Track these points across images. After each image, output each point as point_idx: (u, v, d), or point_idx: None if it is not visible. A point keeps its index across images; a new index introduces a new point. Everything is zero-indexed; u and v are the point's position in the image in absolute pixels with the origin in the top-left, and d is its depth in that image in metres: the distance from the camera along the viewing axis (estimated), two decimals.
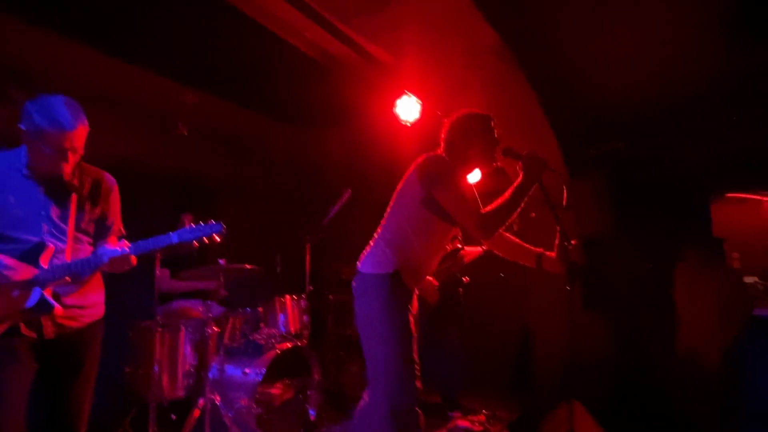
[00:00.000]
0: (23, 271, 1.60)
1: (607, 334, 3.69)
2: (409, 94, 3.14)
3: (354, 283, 2.05)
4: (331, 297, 4.65)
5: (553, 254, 2.07)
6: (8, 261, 1.58)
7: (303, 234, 4.00)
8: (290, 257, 4.26)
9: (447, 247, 2.22)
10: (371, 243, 2.08)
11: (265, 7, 2.29)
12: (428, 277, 2.03)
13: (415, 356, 1.91)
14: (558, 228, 2.00)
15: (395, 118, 3.20)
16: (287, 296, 3.56)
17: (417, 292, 2.12)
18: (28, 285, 1.61)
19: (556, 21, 2.54)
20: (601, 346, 3.64)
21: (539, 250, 2.15)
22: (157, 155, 3.77)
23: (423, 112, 3.23)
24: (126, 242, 1.77)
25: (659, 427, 3.21)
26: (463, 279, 3.57)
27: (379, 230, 2.09)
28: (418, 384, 1.89)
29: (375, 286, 1.95)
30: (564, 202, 1.97)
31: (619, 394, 3.46)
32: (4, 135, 2.95)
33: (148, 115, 3.73)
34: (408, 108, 3.18)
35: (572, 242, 1.98)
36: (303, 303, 3.61)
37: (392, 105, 3.16)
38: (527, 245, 2.18)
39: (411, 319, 1.96)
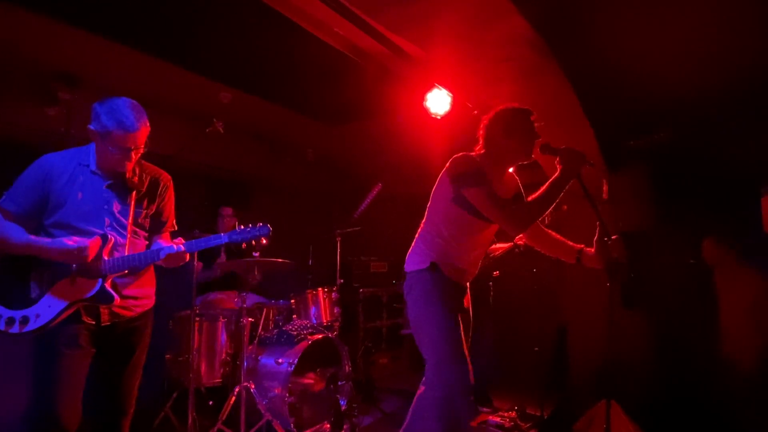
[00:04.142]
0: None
1: (646, 333, 3.56)
2: (440, 87, 3.11)
3: (404, 284, 2.14)
4: (361, 290, 4.71)
5: (592, 250, 2.02)
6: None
7: (334, 227, 4.05)
8: (321, 250, 4.33)
9: (490, 241, 2.21)
10: (412, 245, 2.15)
11: (297, 4, 2.32)
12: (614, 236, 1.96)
13: (465, 351, 1.94)
14: (598, 223, 1.95)
15: (426, 111, 3.18)
16: (319, 289, 3.63)
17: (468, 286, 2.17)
18: (91, 275, 1.72)
19: (592, 7, 2.44)
20: (639, 345, 3.53)
21: (579, 246, 2.11)
22: (194, 152, 3.89)
23: (454, 105, 3.19)
24: (181, 240, 1.87)
25: (699, 429, 3.08)
26: (493, 274, 3.53)
27: (418, 232, 2.15)
28: (471, 377, 1.92)
29: (418, 281, 2.03)
30: (604, 196, 1.92)
31: (658, 395, 3.35)
32: (55, 133, 3.15)
33: (185, 113, 3.86)
34: (438, 101, 3.15)
35: (612, 237, 1.94)
36: (334, 295, 3.68)
37: (422, 98, 3.14)
38: (567, 241, 2.15)
39: (460, 308, 2.02)
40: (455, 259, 2.05)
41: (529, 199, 1.90)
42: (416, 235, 2.15)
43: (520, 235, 2.31)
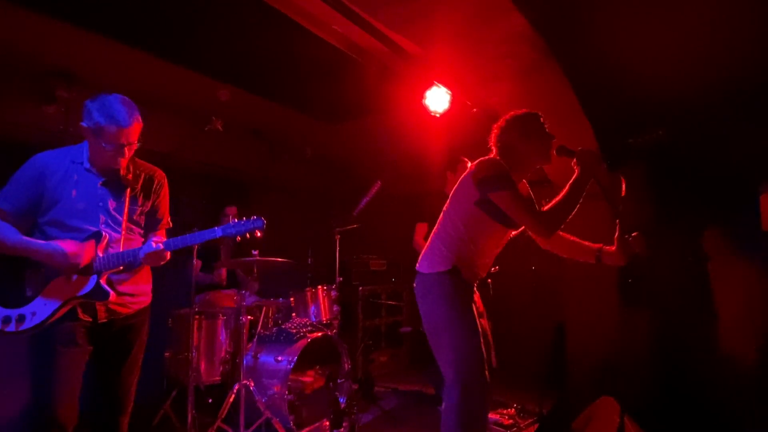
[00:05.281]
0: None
1: (645, 330, 3.57)
2: (439, 85, 3.10)
3: (415, 285, 2.10)
4: (360, 288, 4.71)
5: (612, 248, 2.03)
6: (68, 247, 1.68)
7: (333, 225, 4.05)
8: (321, 248, 4.33)
9: (503, 246, 2.21)
10: (427, 245, 2.12)
11: (295, 2, 2.31)
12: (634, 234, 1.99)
13: (483, 351, 1.94)
14: (618, 221, 1.97)
15: (425, 109, 3.18)
16: (318, 287, 3.63)
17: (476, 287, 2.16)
18: (86, 272, 1.72)
19: (591, 6, 2.44)
20: (638, 342, 3.54)
21: (598, 245, 2.10)
22: (193, 150, 3.89)
23: (453, 103, 3.19)
24: (161, 238, 1.86)
25: (699, 426, 3.09)
26: (492, 269, 3.53)
27: (434, 232, 2.12)
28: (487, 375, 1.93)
29: (436, 284, 2.00)
30: (623, 194, 1.93)
31: (657, 392, 3.36)
32: (54, 131, 3.15)
33: (183, 111, 3.86)
34: (437, 99, 3.15)
35: (633, 234, 1.96)
36: (333, 293, 3.68)
37: (421, 96, 3.14)
38: (584, 242, 2.15)
39: (475, 312, 2.01)
40: (472, 262, 2.04)
41: (553, 202, 1.91)
42: (431, 236, 2.12)
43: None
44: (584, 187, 1.89)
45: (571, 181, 1.90)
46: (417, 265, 2.12)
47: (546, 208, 1.91)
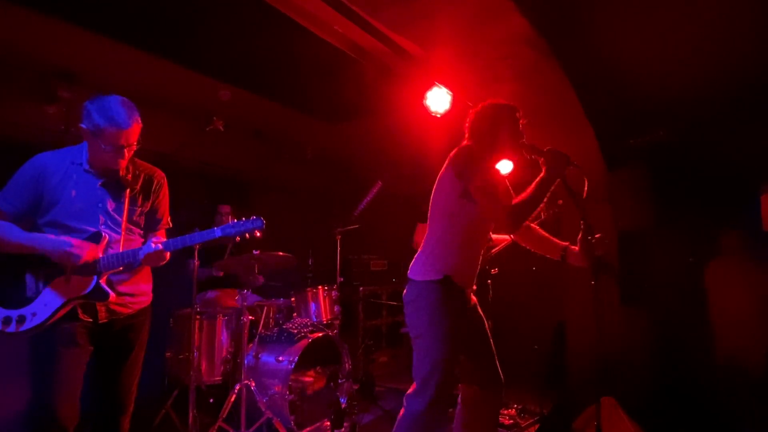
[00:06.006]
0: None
1: (646, 331, 3.57)
2: (440, 85, 3.10)
3: (405, 291, 2.06)
4: (361, 288, 4.72)
5: (577, 248, 2.03)
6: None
7: (334, 226, 4.06)
8: (321, 249, 4.33)
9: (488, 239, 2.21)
10: (419, 252, 2.08)
11: (296, 2, 2.32)
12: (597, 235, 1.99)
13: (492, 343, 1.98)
14: (582, 221, 1.97)
15: (425, 110, 3.18)
16: (319, 287, 3.64)
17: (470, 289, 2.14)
18: (86, 272, 1.72)
19: (592, 7, 2.44)
20: (639, 343, 3.54)
21: (564, 243, 2.11)
22: (193, 150, 3.89)
23: (454, 104, 3.19)
24: (160, 238, 1.86)
25: (698, 426, 3.09)
26: (491, 271, 3.53)
27: (425, 239, 2.08)
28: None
29: (426, 293, 1.96)
30: (585, 195, 1.93)
31: (657, 392, 3.36)
32: (55, 131, 3.15)
33: (184, 111, 3.86)
34: (438, 99, 3.14)
35: (596, 236, 1.95)
36: (334, 294, 3.68)
37: (422, 97, 3.14)
38: (553, 238, 2.15)
39: (467, 314, 2.00)
40: (466, 263, 2.02)
41: (520, 198, 1.90)
42: (422, 243, 2.08)
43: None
44: (549, 186, 1.88)
45: (537, 180, 1.89)
46: (408, 271, 2.07)
47: (513, 202, 1.90)
